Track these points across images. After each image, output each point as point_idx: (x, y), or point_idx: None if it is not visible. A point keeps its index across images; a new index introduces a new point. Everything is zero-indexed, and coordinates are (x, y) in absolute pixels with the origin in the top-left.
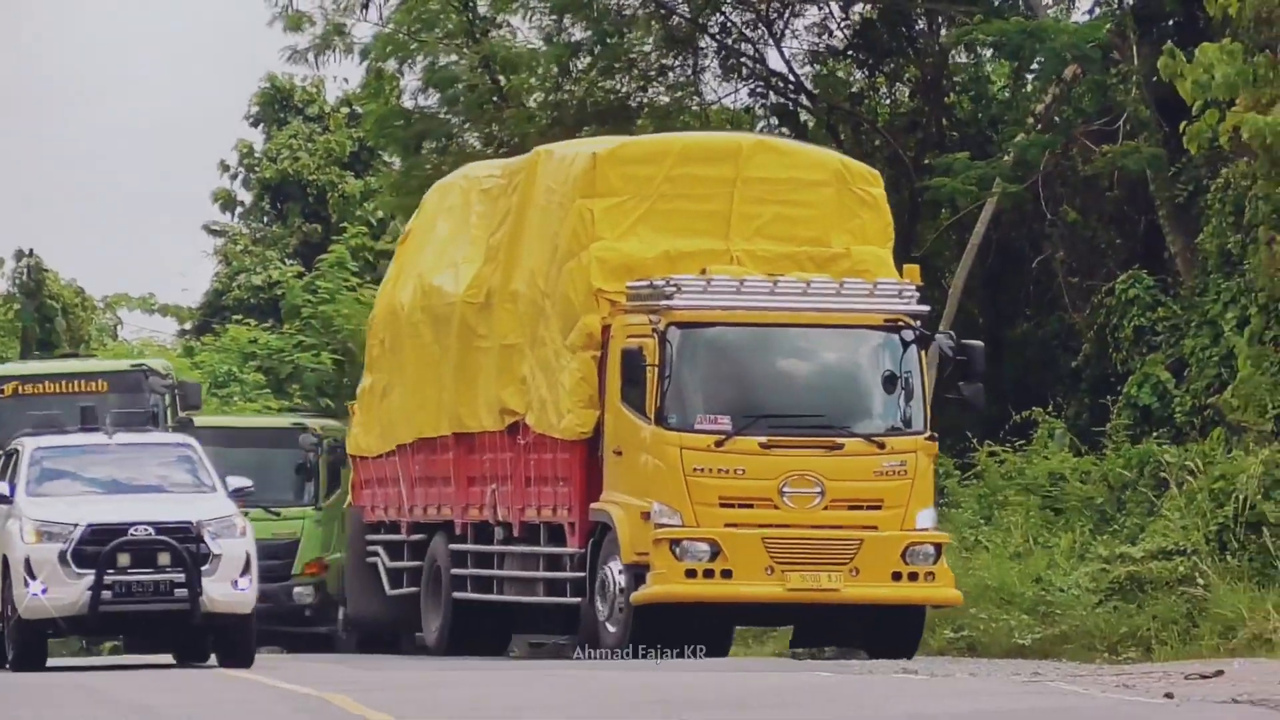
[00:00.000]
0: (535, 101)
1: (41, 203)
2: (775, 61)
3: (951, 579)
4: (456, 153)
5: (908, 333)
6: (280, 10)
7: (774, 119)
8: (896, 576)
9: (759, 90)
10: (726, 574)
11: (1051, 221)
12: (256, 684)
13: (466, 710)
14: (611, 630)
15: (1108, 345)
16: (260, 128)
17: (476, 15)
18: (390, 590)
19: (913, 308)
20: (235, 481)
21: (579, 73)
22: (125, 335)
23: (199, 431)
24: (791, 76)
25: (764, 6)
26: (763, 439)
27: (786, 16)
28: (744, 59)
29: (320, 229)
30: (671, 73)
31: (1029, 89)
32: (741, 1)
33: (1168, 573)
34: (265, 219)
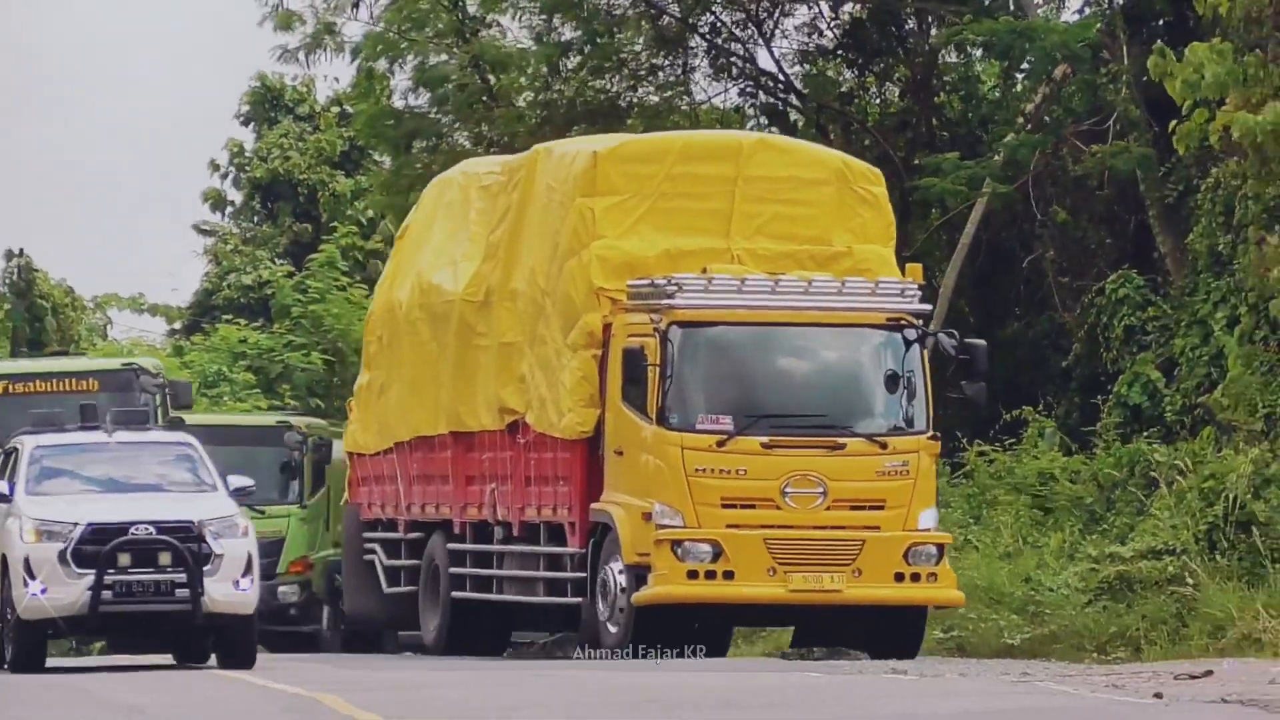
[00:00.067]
0: (525, 101)
1: (31, 203)
2: (765, 61)
3: (954, 580)
4: (447, 152)
5: (910, 332)
6: (271, 10)
7: (764, 119)
8: (899, 577)
9: (749, 90)
10: (728, 575)
11: (1041, 221)
12: (249, 684)
13: (458, 710)
14: (612, 630)
15: (1098, 345)
16: (251, 127)
17: (466, 15)
18: (387, 588)
19: (915, 306)
20: (236, 481)
21: (569, 72)
22: (115, 335)
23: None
24: (781, 76)
25: (754, 6)
26: (764, 439)
27: (776, 16)
28: (734, 59)
29: (311, 228)
30: (661, 72)
31: (1019, 89)
32: (731, 1)
33: (1157, 572)
34: (255, 218)
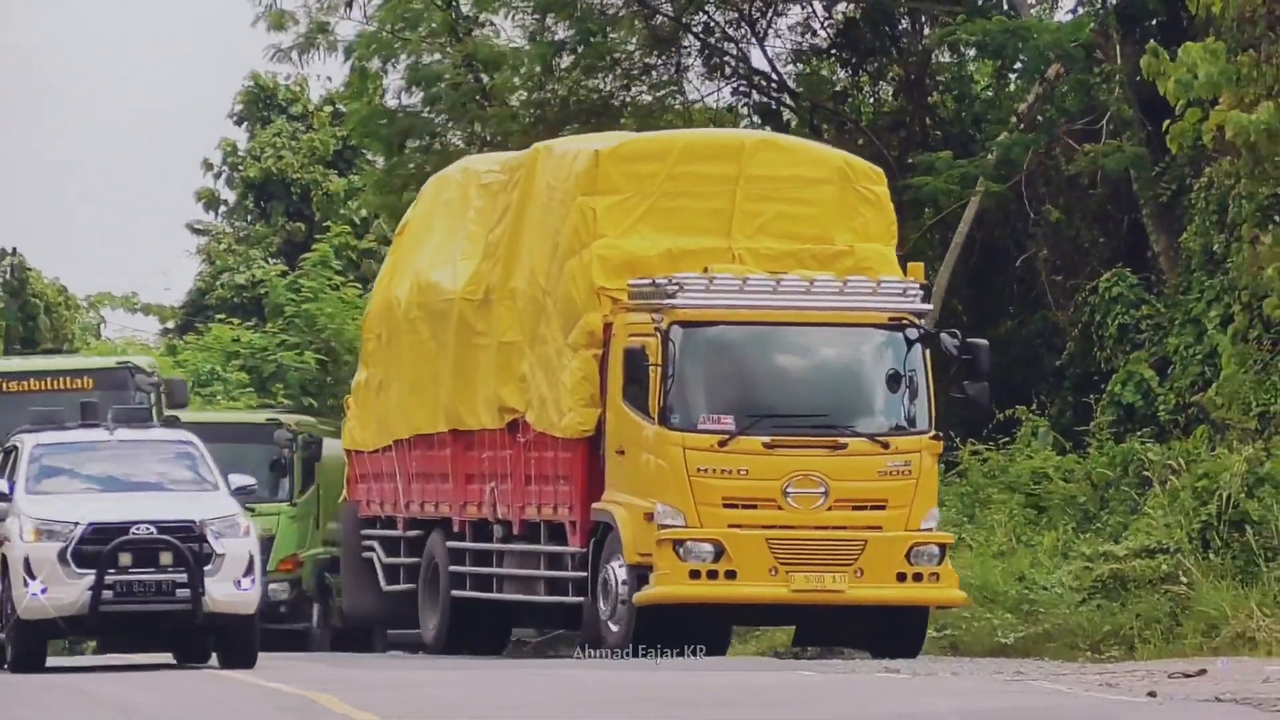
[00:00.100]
0: (518, 100)
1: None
2: (759, 60)
3: (956, 579)
4: (440, 151)
5: (912, 331)
6: (264, 10)
7: (757, 118)
8: (901, 577)
9: (742, 89)
10: (730, 575)
11: (1035, 220)
12: (247, 684)
13: (453, 709)
14: (614, 630)
15: (1091, 343)
16: (244, 126)
17: (460, 14)
18: (386, 586)
19: (917, 306)
20: (238, 480)
21: (562, 71)
22: (108, 334)
23: None
24: (775, 75)
25: (747, 6)
26: (766, 439)
27: (770, 15)
28: (727, 58)
29: (304, 228)
30: (655, 72)
31: (1012, 88)
32: (725, 0)
33: (1151, 571)
34: (249, 218)
